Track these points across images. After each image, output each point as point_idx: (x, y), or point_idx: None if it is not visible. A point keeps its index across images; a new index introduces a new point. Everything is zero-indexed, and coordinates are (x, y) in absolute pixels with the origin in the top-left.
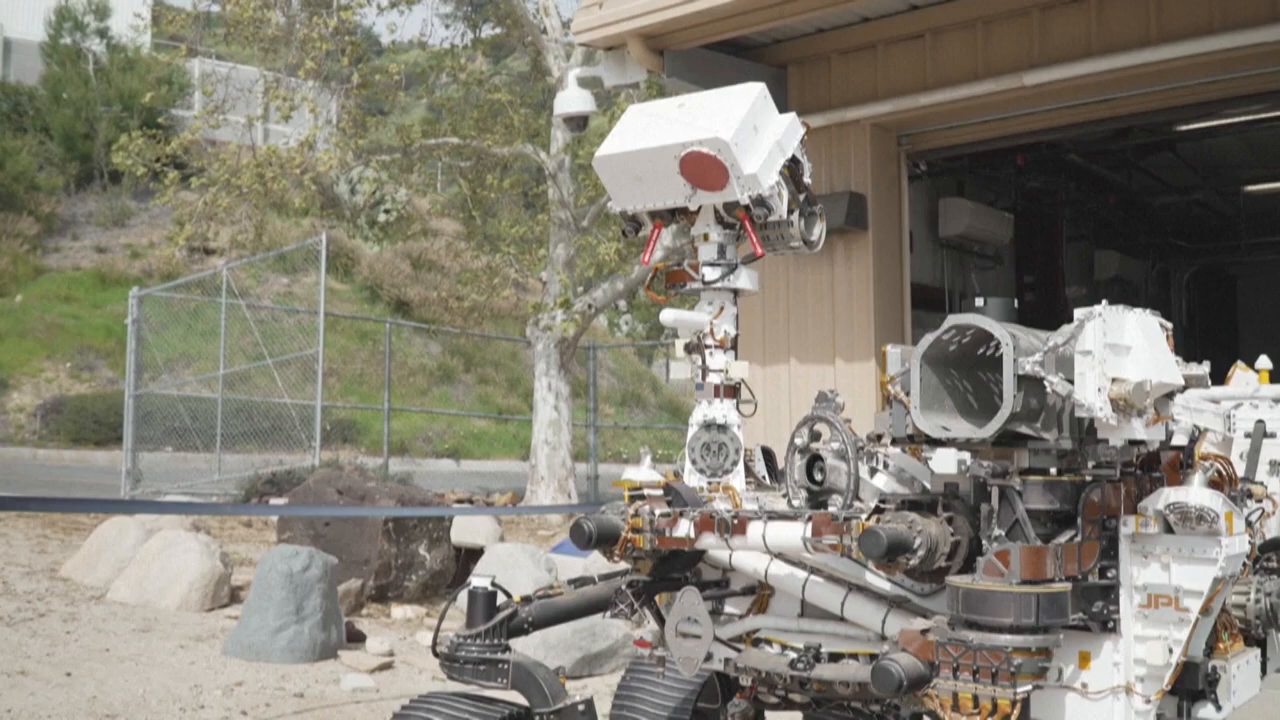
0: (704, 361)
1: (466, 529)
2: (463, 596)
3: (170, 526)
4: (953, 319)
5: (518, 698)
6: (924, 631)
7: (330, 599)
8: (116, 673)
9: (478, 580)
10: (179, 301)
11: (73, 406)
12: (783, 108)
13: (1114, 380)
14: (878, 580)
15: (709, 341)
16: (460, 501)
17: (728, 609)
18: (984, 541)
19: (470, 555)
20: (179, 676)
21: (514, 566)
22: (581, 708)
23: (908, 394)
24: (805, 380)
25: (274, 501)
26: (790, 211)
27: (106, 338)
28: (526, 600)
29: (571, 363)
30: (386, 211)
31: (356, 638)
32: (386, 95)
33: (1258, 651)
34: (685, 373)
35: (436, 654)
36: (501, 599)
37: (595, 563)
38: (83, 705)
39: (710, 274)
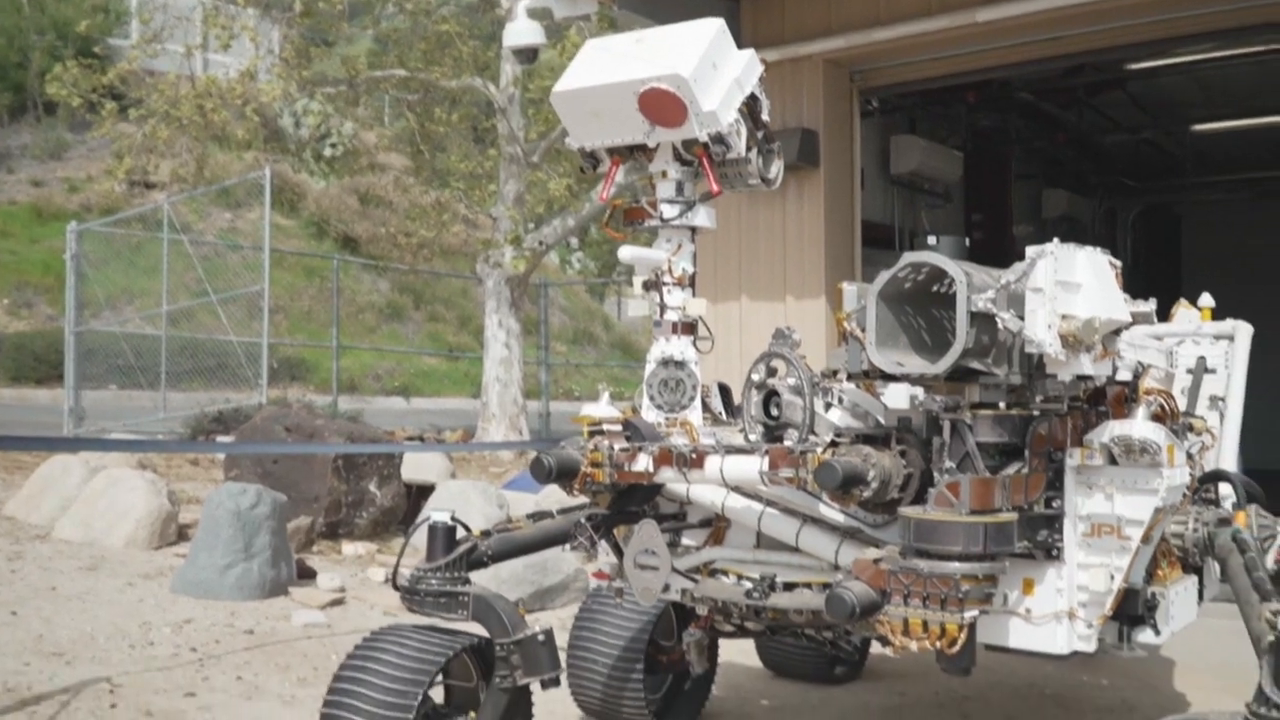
0: (662, 299)
1: (417, 466)
2: (421, 531)
3: (115, 464)
4: (908, 256)
5: (480, 630)
6: (876, 560)
7: (279, 536)
8: (63, 610)
9: (437, 514)
10: (119, 236)
11: (11, 344)
12: (736, 42)
13: (1064, 317)
14: (831, 512)
15: (667, 279)
16: (411, 439)
17: (685, 541)
18: (935, 473)
19: (421, 492)
20: (127, 614)
21: (465, 503)
22: (541, 638)
23: (864, 330)
24: (756, 317)
25: (221, 439)
26: (748, 149)
27: (45, 274)
28: (486, 534)
29: (522, 300)
30: (333, 145)
31: (307, 574)
32: (330, 25)
33: (1195, 579)
34: (643, 310)
35: (396, 587)
36: (461, 533)
37: (546, 498)
38: (29, 643)
39: (668, 211)
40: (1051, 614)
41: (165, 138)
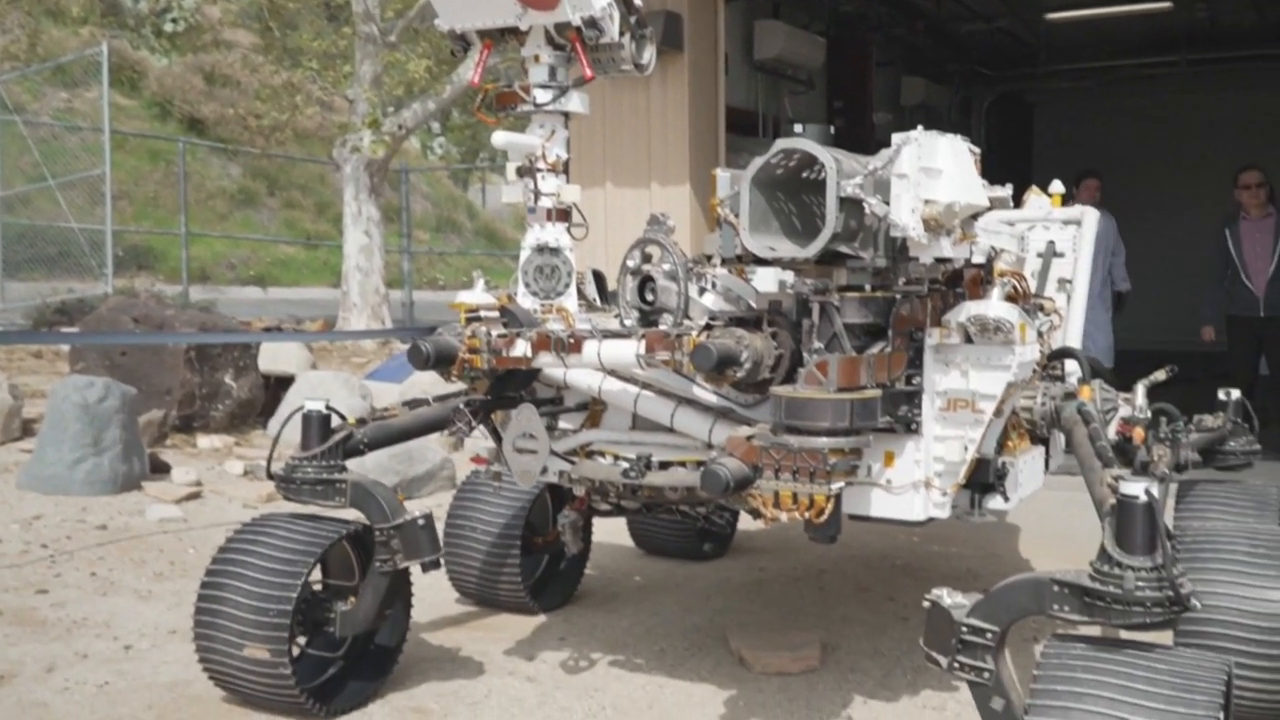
0: (536, 185)
1: (276, 357)
2: (294, 421)
3: None
4: (780, 143)
5: (357, 517)
6: (749, 438)
7: (130, 430)
8: None
9: (311, 403)
10: None
11: None
12: None
13: (926, 202)
14: (705, 393)
15: (541, 165)
16: (268, 329)
17: (562, 424)
18: (805, 354)
19: (280, 384)
20: None
21: (327, 394)
22: (421, 522)
23: (737, 216)
24: (621, 203)
25: (65, 331)
26: (621, 34)
27: None
28: (361, 422)
29: (382, 186)
30: (174, 21)
31: (161, 469)
32: None
33: (1042, 450)
34: (517, 196)
35: (271, 476)
36: (336, 421)
37: (410, 388)
38: None
39: (541, 96)
40: (910, 484)
41: None
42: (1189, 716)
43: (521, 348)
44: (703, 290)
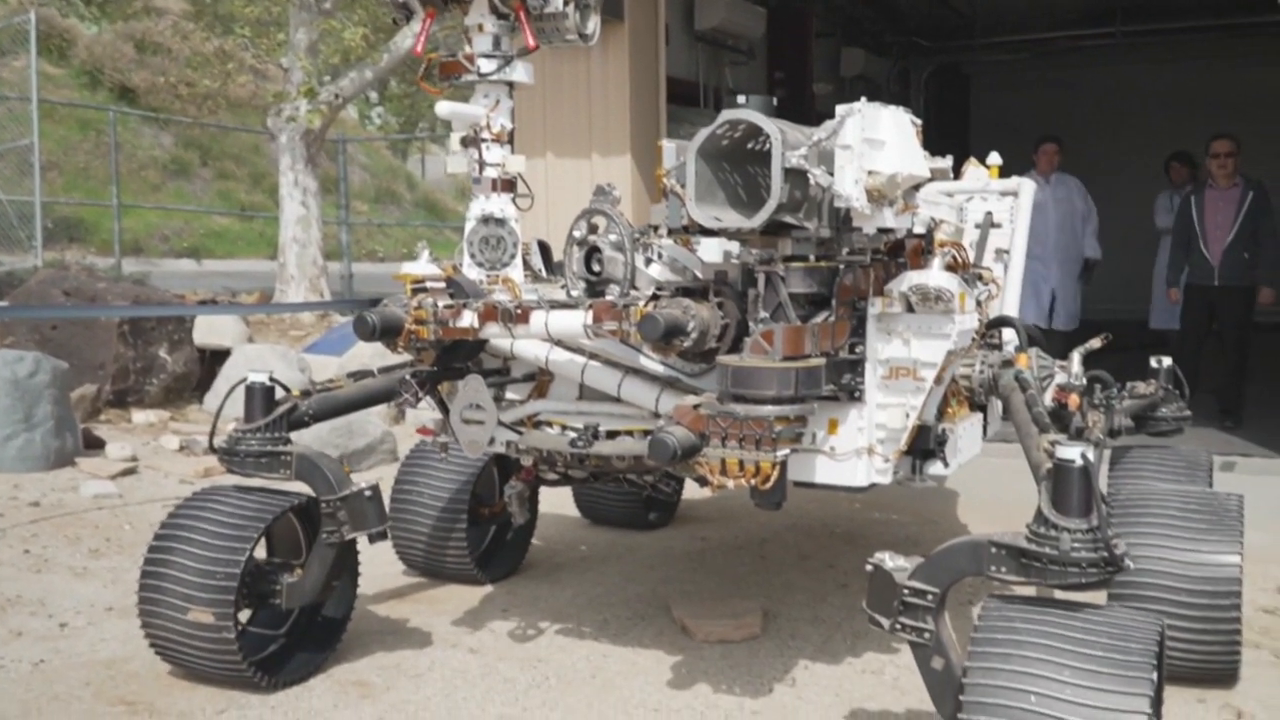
0: (481, 156)
1: (211, 330)
2: (237, 394)
3: None
4: (726, 114)
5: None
6: (696, 406)
7: (62, 405)
8: None
9: (255, 375)
10: None
11: None
12: None
13: (870, 173)
14: (651, 363)
15: (485, 135)
16: (203, 302)
17: (509, 395)
18: (750, 323)
19: (216, 358)
20: None
21: (264, 367)
22: (368, 494)
23: (683, 187)
24: (561, 174)
25: None
26: (565, 3)
27: None
28: (306, 394)
29: (319, 156)
30: None
31: (95, 444)
32: None
33: (980, 416)
34: (462, 166)
35: (214, 449)
36: (280, 393)
37: (350, 361)
38: None
39: (486, 66)
40: (853, 451)
41: None
42: (1124, 670)
43: (468, 318)
44: (649, 261)
